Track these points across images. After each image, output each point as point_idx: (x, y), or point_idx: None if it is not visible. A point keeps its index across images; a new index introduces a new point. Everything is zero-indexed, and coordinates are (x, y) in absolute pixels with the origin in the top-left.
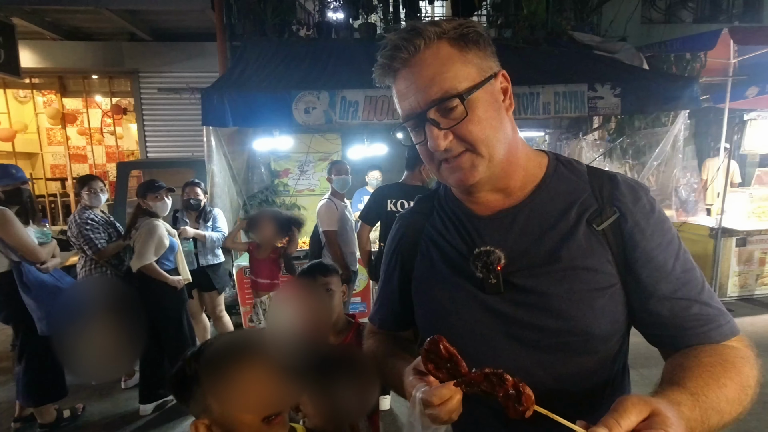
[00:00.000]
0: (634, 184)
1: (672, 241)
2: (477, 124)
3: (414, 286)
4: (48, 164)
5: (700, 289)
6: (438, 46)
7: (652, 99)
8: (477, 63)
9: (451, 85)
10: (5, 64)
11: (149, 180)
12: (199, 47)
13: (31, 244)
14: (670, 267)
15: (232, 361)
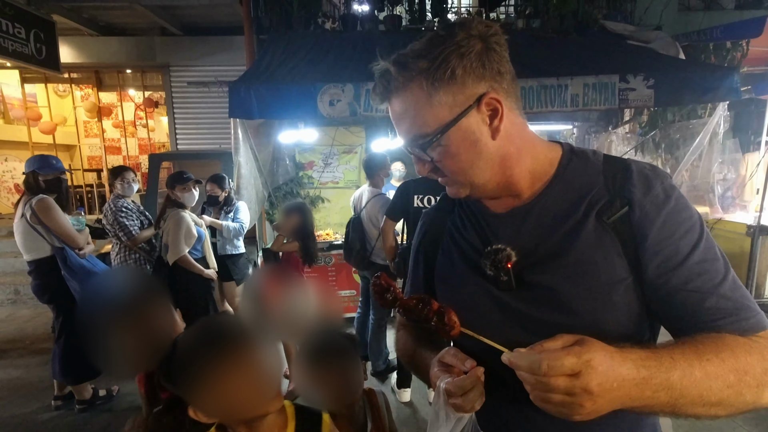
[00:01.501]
0: (650, 172)
1: (690, 231)
2: (449, 159)
3: (436, 282)
4: (85, 156)
5: (720, 281)
6: (408, 89)
7: (688, 90)
8: (449, 101)
9: (419, 130)
10: (46, 60)
11: (178, 171)
12: (227, 41)
13: (72, 230)
14: (683, 258)
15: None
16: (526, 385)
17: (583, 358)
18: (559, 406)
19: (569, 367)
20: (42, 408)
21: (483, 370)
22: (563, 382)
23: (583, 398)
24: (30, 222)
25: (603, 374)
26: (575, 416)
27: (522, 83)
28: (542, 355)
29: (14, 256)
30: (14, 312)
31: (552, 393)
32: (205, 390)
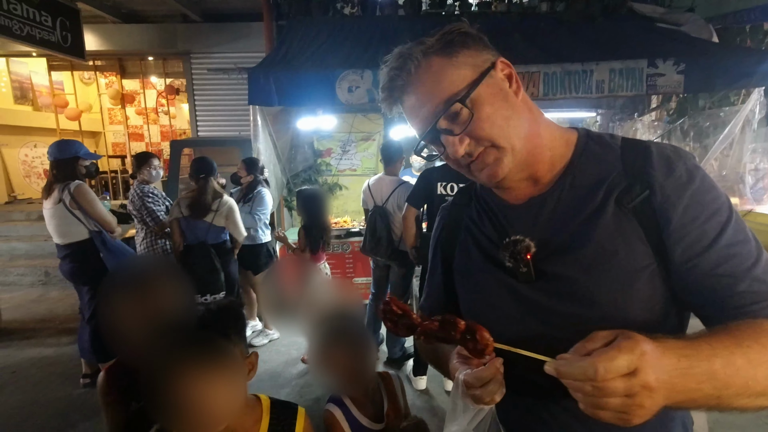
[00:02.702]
0: (671, 153)
1: (717, 213)
2: (487, 119)
3: (455, 276)
4: (110, 142)
5: (752, 264)
6: (428, 62)
7: (721, 75)
8: (469, 62)
9: (450, 92)
10: (72, 47)
11: (208, 160)
12: (247, 27)
13: (108, 214)
14: (710, 241)
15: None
16: (576, 393)
17: (636, 353)
18: (618, 412)
19: (626, 366)
20: (71, 385)
21: (502, 361)
22: (621, 383)
23: (643, 397)
24: (69, 207)
25: (657, 367)
26: (635, 420)
27: (544, 69)
28: (593, 358)
29: (44, 240)
30: (45, 293)
31: (610, 398)
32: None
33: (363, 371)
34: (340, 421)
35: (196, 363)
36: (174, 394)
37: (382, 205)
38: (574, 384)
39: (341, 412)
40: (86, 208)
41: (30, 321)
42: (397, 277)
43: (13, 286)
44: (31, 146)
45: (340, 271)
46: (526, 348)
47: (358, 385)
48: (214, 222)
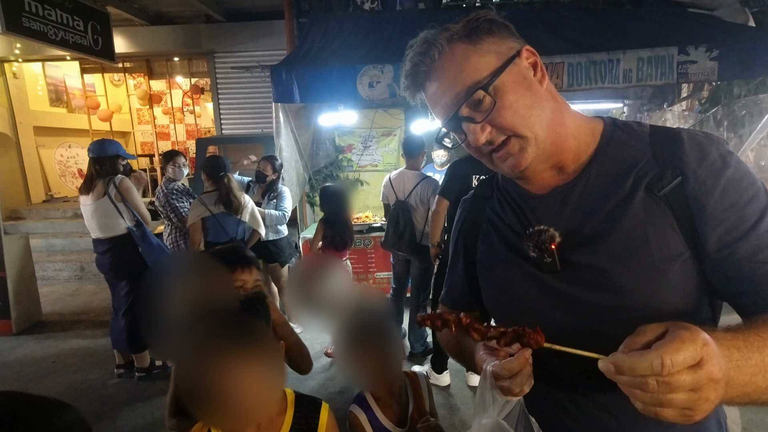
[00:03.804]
0: (703, 139)
1: (755, 199)
2: (509, 108)
3: (478, 268)
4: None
5: None
6: (451, 49)
7: (758, 61)
8: (494, 49)
9: (473, 79)
10: (102, 51)
11: (221, 158)
12: (269, 25)
13: (145, 208)
14: (749, 227)
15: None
16: (634, 392)
17: (699, 343)
18: (683, 407)
19: (692, 357)
20: (106, 375)
21: (530, 352)
22: (688, 375)
23: (710, 390)
24: (114, 200)
25: (719, 356)
26: (698, 415)
27: (569, 59)
28: (657, 350)
29: (79, 236)
30: (80, 287)
31: (675, 393)
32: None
33: (389, 368)
34: (365, 425)
35: (239, 344)
36: (216, 381)
37: (404, 200)
38: (633, 381)
39: (366, 417)
40: (130, 200)
41: (67, 314)
42: (417, 272)
43: (52, 280)
44: (66, 147)
45: (362, 266)
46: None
47: (383, 382)
48: (242, 218)
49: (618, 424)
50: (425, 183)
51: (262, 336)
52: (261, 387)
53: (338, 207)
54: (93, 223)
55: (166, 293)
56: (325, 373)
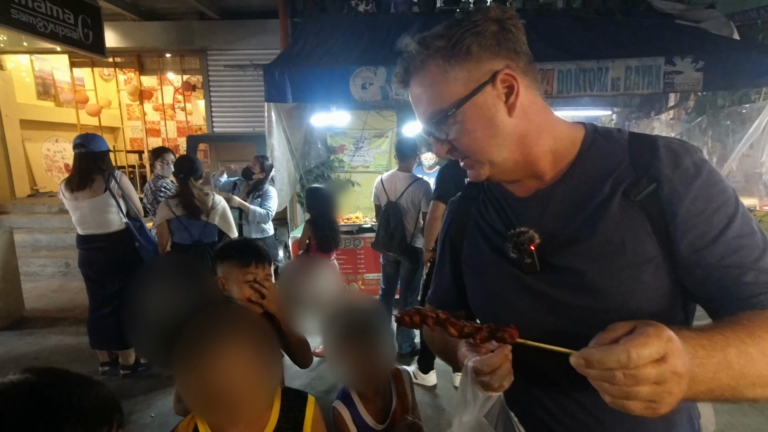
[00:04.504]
0: (678, 147)
1: (724, 205)
2: (466, 136)
3: (464, 269)
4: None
5: (759, 256)
6: (425, 68)
7: (741, 73)
8: (464, 77)
9: (437, 105)
10: (93, 45)
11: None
12: (262, 24)
13: (140, 202)
14: (717, 233)
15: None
16: (602, 385)
17: (664, 339)
18: (648, 400)
19: (657, 351)
20: (90, 372)
21: (510, 348)
22: (653, 369)
23: (673, 383)
24: (115, 194)
25: (683, 352)
26: (663, 408)
27: (559, 66)
28: (625, 344)
29: (65, 232)
30: (65, 284)
31: (641, 386)
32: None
33: (379, 368)
34: (348, 423)
35: (232, 335)
36: (209, 373)
37: (395, 201)
38: (602, 374)
39: (349, 414)
40: (129, 194)
41: (52, 310)
42: (407, 273)
43: (36, 276)
44: (53, 141)
45: (352, 267)
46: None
47: (371, 381)
48: (210, 220)
49: (596, 422)
50: (417, 185)
51: (255, 328)
52: (255, 380)
53: (324, 208)
54: (90, 219)
55: (159, 291)
56: (313, 373)
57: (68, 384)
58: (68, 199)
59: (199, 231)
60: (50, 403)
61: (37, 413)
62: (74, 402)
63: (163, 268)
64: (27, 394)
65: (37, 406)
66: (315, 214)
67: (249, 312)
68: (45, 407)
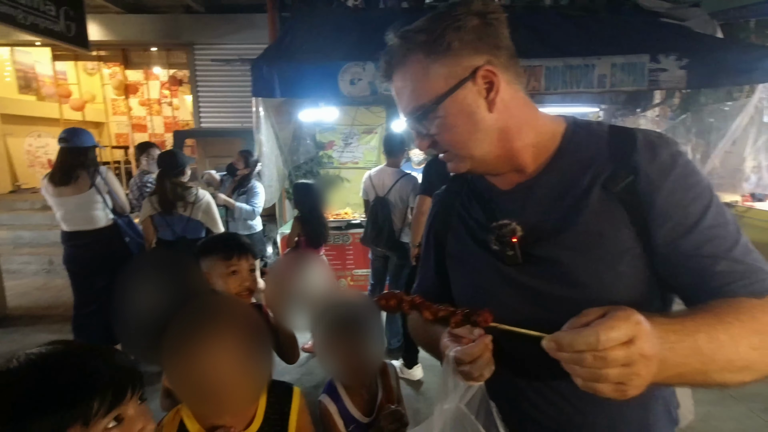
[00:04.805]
0: (656, 139)
1: (699, 197)
2: (447, 131)
3: (448, 261)
4: (113, 133)
5: (731, 246)
6: (407, 63)
7: (724, 71)
8: (445, 73)
9: (418, 101)
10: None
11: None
12: (250, 19)
13: (126, 198)
14: (692, 224)
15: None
16: (573, 368)
17: (632, 322)
18: (617, 382)
19: (624, 334)
20: None
21: (491, 338)
22: (621, 351)
23: (640, 365)
24: (101, 190)
25: (651, 336)
26: (631, 391)
27: (547, 63)
28: (594, 327)
29: (48, 228)
30: (49, 281)
31: (609, 368)
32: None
33: (368, 362)
34: (335, 416)
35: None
36: (202, 361)
37: (383, 196)
38: (573, 357)
39: (336, 408)
40: (116, 189)
41: (35, 308)
42: (395, 268)
43: (18, 273)
44: (35, 136)
45: (341, 263)
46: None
47: (361, 375)
48: (192, 216)
49: (576, 411)
50: (405, 180)
51: (244, 317)
52: (243, 369)
53: (312, 204)
54: (76, 216)
55: (145, 286)
56: (302, 368)
57: (95, 351)
58: (51, 195)
59: (181, 227)
60: (83, 368)
61: (72, 377)
62: (102, 367)
63: (148, 264)
64: (61, 361)
65: (71, 371)
66: (303, 210)
67: (238, 301)
68: (79, 371)
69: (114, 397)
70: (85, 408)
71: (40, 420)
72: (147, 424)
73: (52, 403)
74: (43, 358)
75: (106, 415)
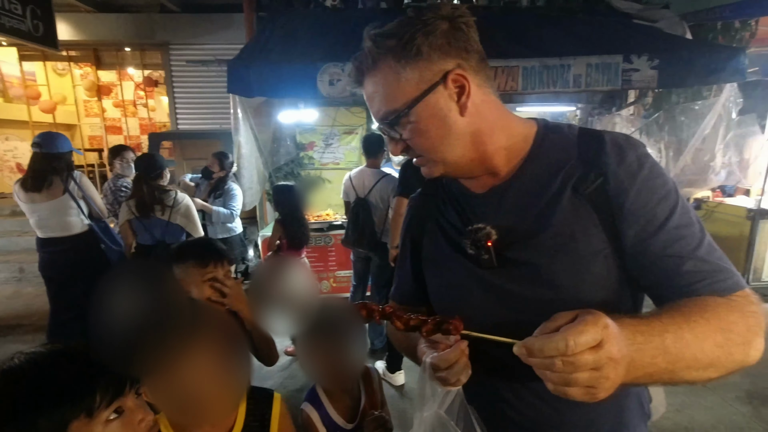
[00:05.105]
0: (623, 142)
1: (665, 198)
2: (419, 136)
3: (424, 265)
4: (86, 135)
5: (696, 246)
6: (378, 68)
7: (693, 71)
8: (416, 77)
9: (390, 106)
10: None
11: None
12: (227, 18)
13: (102, 203)
14: (660, 224)
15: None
16: (544, 373)
17: (600, 326)
18: (586, 386)
19: (593, 338)
20: None
21: (467, 343)
22: (590, 355)
23: (609, 369)
24: (75, 196)
25: (619, 338)
26: (601, 393)
27: (523, 63)
28: (563, 333)
29: (18, 235)
30: (20, 289)
31: (579, 372)
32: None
33: (351, 367)
34: (317, 424)
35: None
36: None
37: (364, 197)
38: (543, 362)
39: (318, 416)
40: (91, 195)
41: (6, 317)
42: (377, 269)
43: None
44: (2, 139)
45: (323, 265)
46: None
47: (343, 379)
48: (171, 220)
49: (552, 410)
50: (385, 181)
51: (221, 326)
52: (221, 377)
53: (293, 206)
54: (50, 222)
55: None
56: (284, 372)
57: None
58: (24, 201)
59: (161, 231)
60: (84, 364)
61: (74, 372)
62: (101, 362)
63: (125, 274)
64: (62, 357)
65: (73, 366)
66: (284, 212)
67: (215, 309)
68: (81, 366)
69: (114, 390)
70: (89, 401)
71: (46, 415)
72: (146, 416)
73: (57, 399)
74: (43, 356)
75: (108, 407)
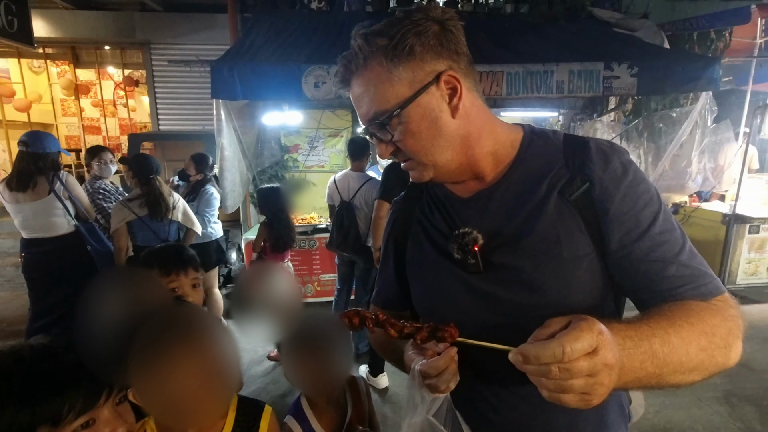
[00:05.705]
0: (607, 149)
1: (648, 204)
2: (411, 137)
3: (408, 269)
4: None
5: (678, 251)
6: (368, 67)
7: (670, 79)
8: (408, 78)
9: (381, 106)
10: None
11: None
12: (210, 19)
13: (90, 204)
14: (643, 230)
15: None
16: (539, 380)
17: (595, 332)
18: (582, 393)
19: (589, 344)
20: None
21: (456, 350)
22: (585, 362)
23: (603, 375)
24: (61, 196)
25: (613, 344)
26: (595, 400)
27: (508, 69)
28: (559, 339)
29: None
30: None
31: (575, 379)
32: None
33: (336, 375)
34: None
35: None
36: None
37: (349, 201)
38: (539, 369)
39: (301, 429)
40: (78, 195)
41: None
42: (362, 273)
43: None
44: None
45: (307, 268)
46: (480, 337)
47: (328, 386)
48: (173, 219)
49: (534, 411)
50: (370, 184)
51: (208, 327)
52: (209, 379)
53: (277, 208)
54: (35, 222)
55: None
56: (267, 377)
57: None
58: (8, 201)
59: (165, 229)
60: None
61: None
62: (74, 370)
63: (110, 280)
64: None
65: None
66: (269, 215)
67: (202, 311)
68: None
69: (86, 401)
70: (56, 408)
71: (8, 416)
72: (118, 427)
73: (23, 401)
74: (8, 354)
75: (77, 419)
